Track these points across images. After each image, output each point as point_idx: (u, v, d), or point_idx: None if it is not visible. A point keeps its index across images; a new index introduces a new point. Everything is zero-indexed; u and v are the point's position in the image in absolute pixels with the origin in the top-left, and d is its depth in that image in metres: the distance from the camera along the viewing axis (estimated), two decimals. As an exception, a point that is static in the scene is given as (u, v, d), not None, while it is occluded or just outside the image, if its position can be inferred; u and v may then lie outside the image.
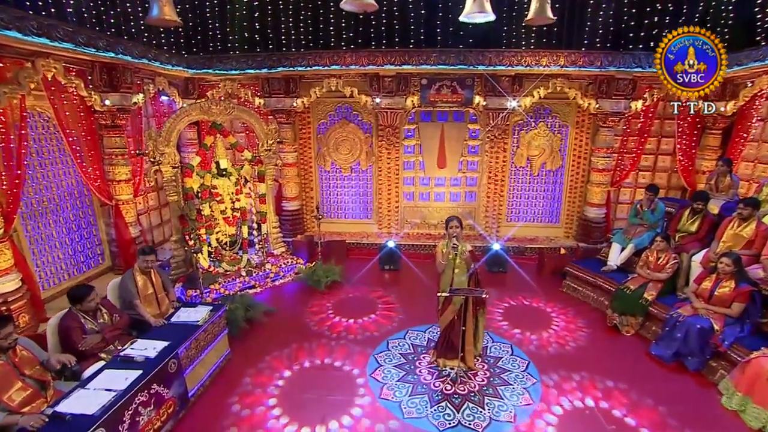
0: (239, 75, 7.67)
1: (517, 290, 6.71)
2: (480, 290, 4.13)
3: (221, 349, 4.75)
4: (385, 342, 5.22)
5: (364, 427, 3.84)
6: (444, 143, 8.28)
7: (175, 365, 3.84)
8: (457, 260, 4.41)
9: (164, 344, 3.93)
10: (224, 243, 7.01)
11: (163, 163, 6.08)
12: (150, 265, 4.58)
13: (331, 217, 8.88)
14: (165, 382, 3.69)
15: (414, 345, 5.16)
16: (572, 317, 5.86)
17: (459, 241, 4.41)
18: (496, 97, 7.54)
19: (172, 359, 3.81)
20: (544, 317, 5.86)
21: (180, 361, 3.93)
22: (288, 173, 8.35)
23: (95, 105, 5.71)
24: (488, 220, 8.53)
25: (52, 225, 5.61)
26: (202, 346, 4.35)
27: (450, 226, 4.42)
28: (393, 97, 7.66)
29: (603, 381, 4.47)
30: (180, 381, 3.91)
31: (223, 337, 4.79)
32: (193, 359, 4.18)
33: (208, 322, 4.47)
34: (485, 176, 8.36)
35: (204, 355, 4.36)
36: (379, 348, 5.10)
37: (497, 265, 7.46)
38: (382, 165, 8.39)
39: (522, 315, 5.92)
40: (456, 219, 4.43)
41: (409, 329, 5.52)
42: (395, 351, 5.03)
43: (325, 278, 6.76)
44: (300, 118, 8.35)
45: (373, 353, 4.99)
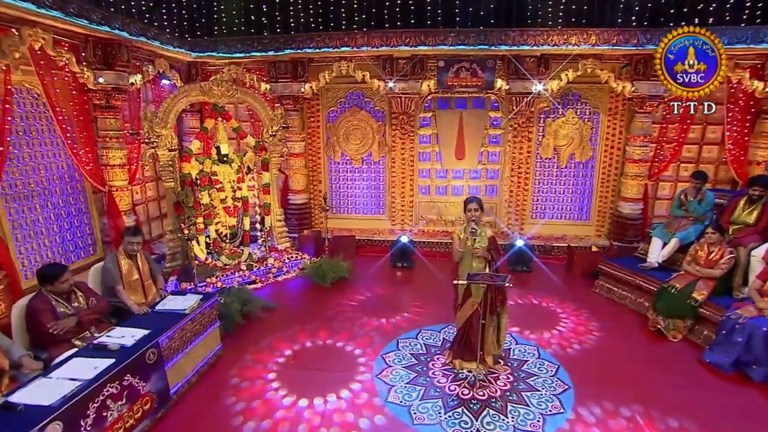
0: (244, 58, 7.47)
1: (543, 290, 6.22)
2: (503, 276, 3.70)
3: (211, 344, 4.42)
4: (395, 341, 4.81)
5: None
6: (463, 132, 7.90)
7: (154, 355, 3.52)
8: (476, 247, 4.01)
9: (144, 332, 3.61)
10: (224, 235, 6.75)
11: (159, 146, 5.86)
12: (136, 248, 4.31)
13: (341, 212, 8.55)
14: (141, 373, 3.36)
15: (427, 345, 4.74)
16: (608, 321, 5.35)
17: (478, 225, 4.01)
18: (519, 81, 7.14)
19: (151, 348, 3.49)
20: (575, 320, 5.36)
21: (161, 351, 3.60)
22: (295, 164, 8.08)
23: (88, 83, 5.54)
24: (511, 217, 8.08)
25: (39, 210, 5.41)
26: (189, 338, 4.02)
27: (468, 209, 4.03)
28: (407, 81, 7.35)
29: (647, 389, 3.96)
30: (160, 374, 3.58)
31: (213, 331, 4.46)
32: (177, 351, 3.85)
33: (197, 311, 4.14)
34: (508, 168, 7.94)
35: (190, 347, 4.03)
36: (387, 347, 4.70)
37: (521, 263, 6.99)
38: (395, 156, 8.05)
39: (550, 317, 5.44)
40: (476, 200, 4.05)
41: (422, 329, 5.11)
42: (406, 351, 4.62)
43: (331, 274, 6.40)
44: (309, 105, 8.10)
45: (381, 353, 4.59)
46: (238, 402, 3.83)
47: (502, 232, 8.04)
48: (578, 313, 5.53)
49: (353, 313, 5.48)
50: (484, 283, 3.76)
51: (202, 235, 6.34)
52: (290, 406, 3.77)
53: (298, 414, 3.66)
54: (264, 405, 3.78)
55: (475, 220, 4.01)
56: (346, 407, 3.74)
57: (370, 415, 3.64)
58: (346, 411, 3.70)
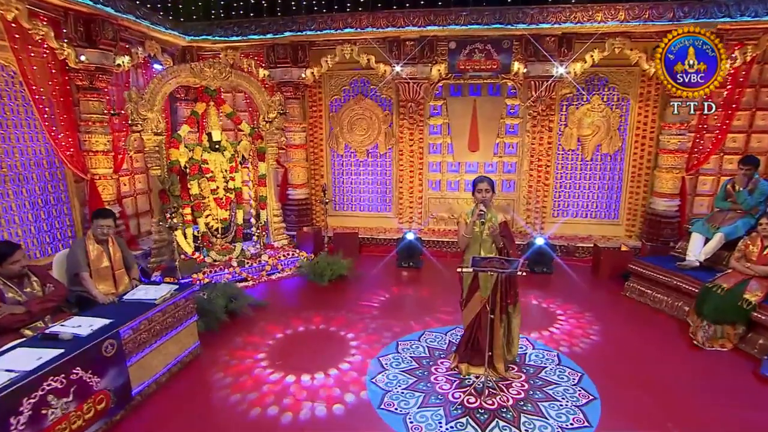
0: (241, 42, 7.30)
1: (566, 294, 5.77)
2: (514, 261, 3.30)
3: (186, 341, 4.11)
4: (395, 343, 4.43)
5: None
6: (476, 122, 7.55)
7: (113, 348, 3.21)
8: (484, 234, 3.63)
9: (105, 322, 3.32)
10: (215, 229, 6.49)
11: (145, 131, 5.66)
12: (106, 232, 4.06)
13: (344, 209, 8.24)
14: (95, 368, 3.06)
15: (431, 348, 4.35)
16: (640, 326, 4.88)
17: (488, 208, 3.63)
18: (539, 63, 6.78)
19: (109, 339, 3.18)
20: (602, 325, 4.89)
21: (122, 344, 3.30)
22: (295, 156, 7.83)
23: (69, 60, 5.39)
24: (531, 215, 7.64)
25: (12, 196, 5.23)
26: (159, 332, 3.72)
27: (478, 189, 3.68)
28: (416, 65, 7.06)
29: (688, 408, 3.48)
30: (120, 370, 3.27)
31: (190, 326, 4.16)
32: (144, 346, 3.55)
33: (169, 302, 3.85)
34: (526, 161, 7.54)
35: (160, 342, 3.73)
36: (386, 349, 4.32)
37: (541, 264, 6.55)
38: (403, 148, 7.74)
39: (574, 322, 4.98)
40: (486, 180, 3.68)
41: (426, 330, 4.71)
42: (406, 354, 4.23)
43: (329, 272, 6.07)
44: (310, 93, 7.87)
45: (377, 355, 4.21)
46: (213, 406, 3.50)
47: (521, 231, 7.61)
48: (605, 318, 5.06)
49: (349, 313, 5.12)
50: (491, 271, 3.37)
51: (189, 227, 6.09)
52: (272, 419, 3.41)
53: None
54: (231, 417, 3.44)
55: (484, 202, 3.64)
56: (330, 416, 3.37)
57: (359, 425, 3.26)
58: (331, 419, 3.32)
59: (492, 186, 3.69)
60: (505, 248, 3.67)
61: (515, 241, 3.85)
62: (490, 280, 3.66)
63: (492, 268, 3.34)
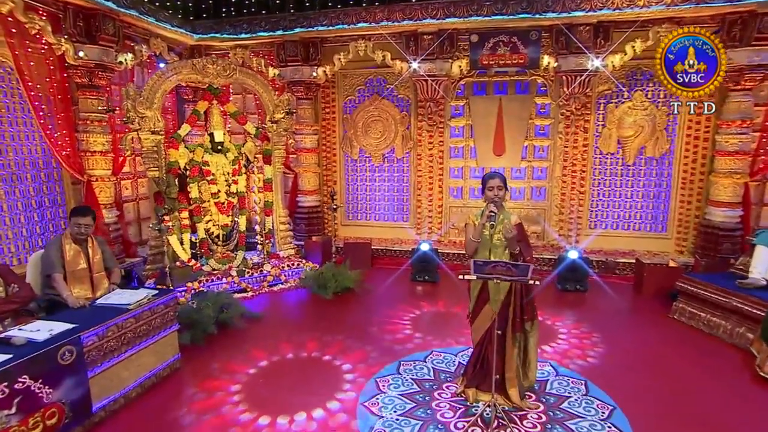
0: (251, 39, 7.31)
1: (601, 315, 5.30)
2: (523, 266, 2.94)
3: (165, 352, 3.93)
4: (396, 363, 4.11)
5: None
6: (502, 123, 7.24)
7: (71, 355, 3.05)
8: (495, 238, 3.31)
9: (67, 327, 3.18)
10: (215, 236, 6.38)
11: (143, 130, 5.65)
12: (84, 231, 3.96)
13: (358, 218, 8.03)
14: (48, 377, 2.89)
15: (437, 369, 4.00)
16: (690, 354, 4.35)
17: (500, 209, 3.34)
18: (572, 56, 6.42)
19: (67, 346, 3.02)
20: (642, 352, 4.41)
21: (83, 352, 3.14)
22: (306, 161, 7.71)
23: (67, 57, 5.46)
24: (564, 226, 7.18)
25: (3, 197, 5.28)
26: (130, 340, 3.55)
27: (489, 186, 3.37)
28: (434, 61, 6.84)
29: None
30: (78, 381, 3.09)
31: (169, 337, 3.98)
32: (111, 355, 3.38)
33: (145, 308, 3.68)
34: (559, 167, 7.13)
35: (131, 352, 3.56)
36: (385, 369, 4.00)
37: (574, 280, 6.08)
38: (422, 152, 7.49)
39: (607, 345, 4.51)
40: (498, 176, 3.38)
41: (433, 350, 4.36)
42: (407, 375, 3.89)
43: (333, 283, 5.82)
44: (323, 93, 7.78)
45: (375, 375, 3.89)
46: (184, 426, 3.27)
47: (553, 244, 7.16)
48: (647, 343, 4.57)
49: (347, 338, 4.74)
50: (497, 278, 3.02)
51: (187, 232, 5.99)
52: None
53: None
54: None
55: (496, 201, 3.31)
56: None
57: (341, 454, 2.94)
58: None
59: (505, 183, 3.37)
60: (520, 254, 3.32)
61: (531, 246, 3.48)
62: (500, 290, 3.32)
63: (497, 275, 2.99)
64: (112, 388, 3.40)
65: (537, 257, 6.97)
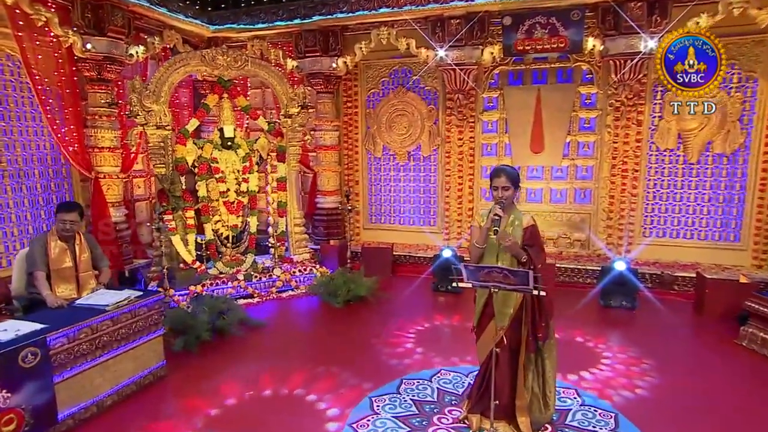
0: (268, 30, 7.33)
1: (652, 337, 4.85)
2: (522, 273, 2.64)
3: (147, 359, 3.90)
4: (398, 381, 3.89)
5: None
6: (541, 116, 6.87)
7: (35, 358, 3.03)
8: (511, 237, 3.04)
9: (36, 327, 3.17)
10: (224, 237, 6.39)
11: (149, 124, 5.73)
12: (69, 228, 3.99)
13: (381, 221, 7.85)
14: (6, 380, 2.88)
15: (442, 390, 3.75)
16: (760, 389, 3.84)
17: (511, 210, 3.11)
18: (621, 37, 5.98)
19: (30, 348, 3.01)
20: (698, 383, 3.93)
21: (49, 355, 3.12)
22: (325, 159, 7.63)
23: (75, 49, 5.63)
24: (613, 233, 6.68)
25: (10, 193, 5.49)
26: (106, 344, 3.53)
27: (494, 185, 3.10)
28: (463, 48, 6.58)
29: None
30: (42, 386, 3.07)
31: (153, 342, 3.95)
32: (83, 359, 3.36)
33: (124, 309, 3.66)
34: (607, 165, 6.65)
35: (107, 357, 3.55)
36: (384, 388, 3.78)
37: (621, 295, 5.63)
38: (450, 149, 7.23)
39: (655, 375, 4.07)
40: (504, 173, 3.10)
41: (442, 368, 4.10)
42: (407, 396, 3.65)
43: (344, 291, 5.66)
44: (345, 86, 7.69)
45: (370, 394, 3.68)
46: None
47: (599, 254, 6.67)
48: (706, 373, 4.10)
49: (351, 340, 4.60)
50: (493, 286, 2.73)
51: (192, 233, 6.02)
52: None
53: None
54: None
55: (503, 202, 3.04)
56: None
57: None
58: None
59: (513, 180, 3.08)
60: (530, 261, 3.01)
61: (544, 252, 3.16)
62: (508, 302, 3.03)
63: (494, 283, 2.71)
64: (83, 395, 3.38)
65: (580, 268, 6.56)
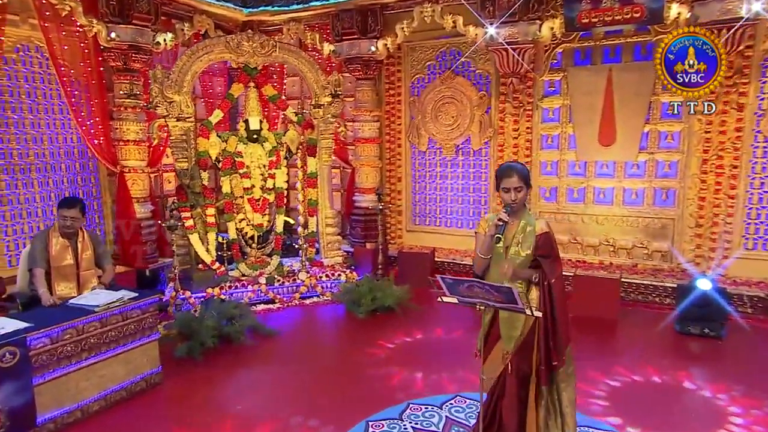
0: (304, 11, 7.44)
1: (749, 376, 4.30)
2: (506, 289, 2.45)
3: (139, 364, 4.10)
4: (404, 405, 3.81)
5: None
6: (612, 102, 6.44)
7: (13, 358, 3.27)
8: (511, 251, 2.91)
9: (19, 326, 3.43)
10: (249, 237, 6.58)
11: (171, 117, 6.03)
12: (69, 224, 4.26)
13: (424, 223, 7.75)
14: (-19, 379, 3.13)
15: (451, 420, 3.62)
16: None
17: (521, 215, 2.93)
18: (715, 1, 5.44)
19: (8, 347, 3.25)
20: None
21: (29, 355, 3.35)
22: (364, 153, 7.64)
23: (99, 38, 6.04)
24: (704, 244, 6.10)
25: (37, 187, 6.01)
26: (93, 346, 3.75)
27: (503, 187, 2.89)
28: (517, 24, 6.30)
29: None
30: (20, 387, 3.31)
31: (147, 346, 4.16)
32: (68, 361, 3.59)
33: (115, 311, 3.88)
34: (695, 160, 6.10)
35: (94, 360, 3.77)
36: (383, 413, 3.72)
37: (704, 321, 5.16)
38: (504, 142, 6.99)
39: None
40: (516, 171, 2.88)
41: (459, 394, 3.95)
42: (410, 422, 3.56)
43: (368, 300, 5.63)
44: (387, 72, 7.67)
45: (368, 418, 3.63)
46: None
47: (683, 269, 6.13)
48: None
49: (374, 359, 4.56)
50: (480, 303, 2.57)
51: (212, 231, 6.25)
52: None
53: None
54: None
55: (512, 205, 2.85)
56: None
57: None
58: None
59: (525, 180, 2.87)
60: (544, 277, 2.80)
61: (559, 263, 2.91)
62: (515, 324, 2.85)
63: (479, 299, 2.54)
64: (66, 399, 3.59)
65: (656, 284, 6.08)
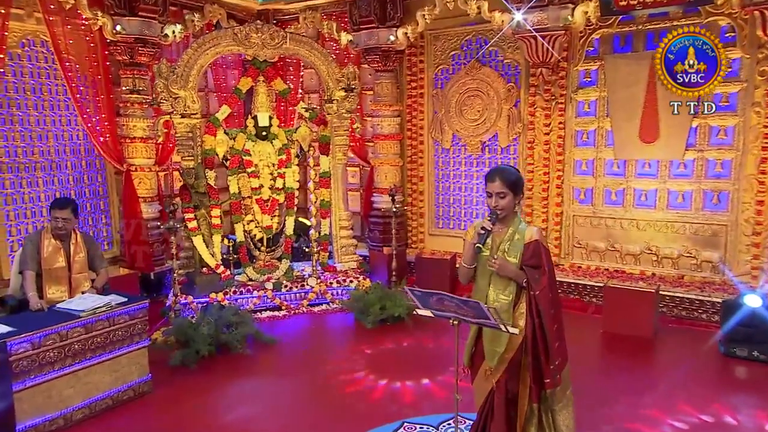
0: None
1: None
2: (473, 303, 2.42)
3: (127, 372, 4.26)
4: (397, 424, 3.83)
5: None
6: (655, 94, 6.23)
7: (-9, 363, 3.45)
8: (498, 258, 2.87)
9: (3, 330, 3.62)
10: (258, 239, 6.72)
11: (176, 113, 6.21)
12: (62, 226, 4.46)
13: (447, 226, 7.70)
14: (-41, 384, 3.32)
15: (448, 442, 3.59)
16: None
17: (509, 222, 2.94)
18: (772, -23, 5.21)
19: (-13, 352, 3.44)
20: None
21: (9, 361, 3.53)
22: (383, 150, 7.66)
23: (105, 32, 6.27)
24: (763, 254, 5.82)
25: (42, 186, 6.29)
26: (77, 353, 3.92)
27: (488, 190, 2.94)
28: (546, 8, 6.17)
29: None
30: (0, 394, 3.50)
31: (136, 353, 4.33)
32: (50, 368, 3.76)
33: (101, 316, 4.04)
34: (752, 159, 5.84)
35: (78, 367, 3.94)
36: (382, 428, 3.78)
37: (750, 343, 4.94)
38: (535, 138, 6.88)
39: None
40: (499, 175, 2.90)
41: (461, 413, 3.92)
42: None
43: (377, 309, 5.66)
44: (408, 63, 7.66)
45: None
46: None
47: (731, 284, 5.88)
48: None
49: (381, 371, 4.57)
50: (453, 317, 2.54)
51: (218, 233, 6.40)
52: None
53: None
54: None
55: (499, 212, 2.86)
56: None
57: None
58: None
59: (511, 185, 2.86)
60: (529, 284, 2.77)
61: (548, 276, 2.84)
62: (499, 339, 2.80)
63: (452, 314, 2.52)
64: (48, 407, 3.76)
65: (703, 299, 5.86)
